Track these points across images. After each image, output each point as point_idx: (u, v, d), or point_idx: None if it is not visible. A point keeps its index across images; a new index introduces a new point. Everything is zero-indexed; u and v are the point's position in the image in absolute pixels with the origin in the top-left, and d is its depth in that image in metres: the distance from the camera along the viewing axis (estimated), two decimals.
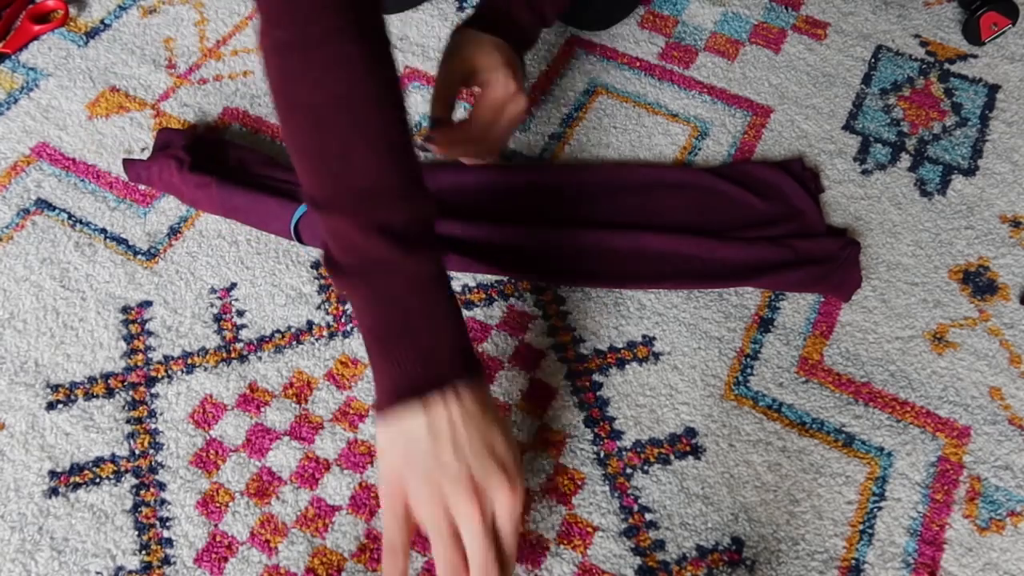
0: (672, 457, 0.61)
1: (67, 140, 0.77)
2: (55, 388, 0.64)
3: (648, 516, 0.59)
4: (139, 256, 0.70)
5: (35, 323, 0.67)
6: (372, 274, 0.47)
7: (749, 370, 0.65)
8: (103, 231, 0.72)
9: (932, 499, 0.60)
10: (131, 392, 0.64)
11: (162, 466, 0.60)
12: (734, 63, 0.84)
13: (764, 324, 0.67)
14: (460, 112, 0.78)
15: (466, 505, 0.46)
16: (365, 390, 0.64)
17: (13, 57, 0.83)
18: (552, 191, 0.73)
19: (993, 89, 0.82)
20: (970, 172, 0.77)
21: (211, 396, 0.63)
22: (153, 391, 0.64)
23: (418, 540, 0.57)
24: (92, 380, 0.64)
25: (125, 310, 0.68)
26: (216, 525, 0.58)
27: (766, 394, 0.64)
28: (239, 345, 0.66)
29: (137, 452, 0.61)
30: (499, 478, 0.47)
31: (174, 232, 0.72)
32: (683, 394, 0.64)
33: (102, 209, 0.73)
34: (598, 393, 0.64)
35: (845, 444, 0.62)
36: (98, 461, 0.61)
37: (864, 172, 0.76)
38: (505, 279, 0.69)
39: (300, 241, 0.70)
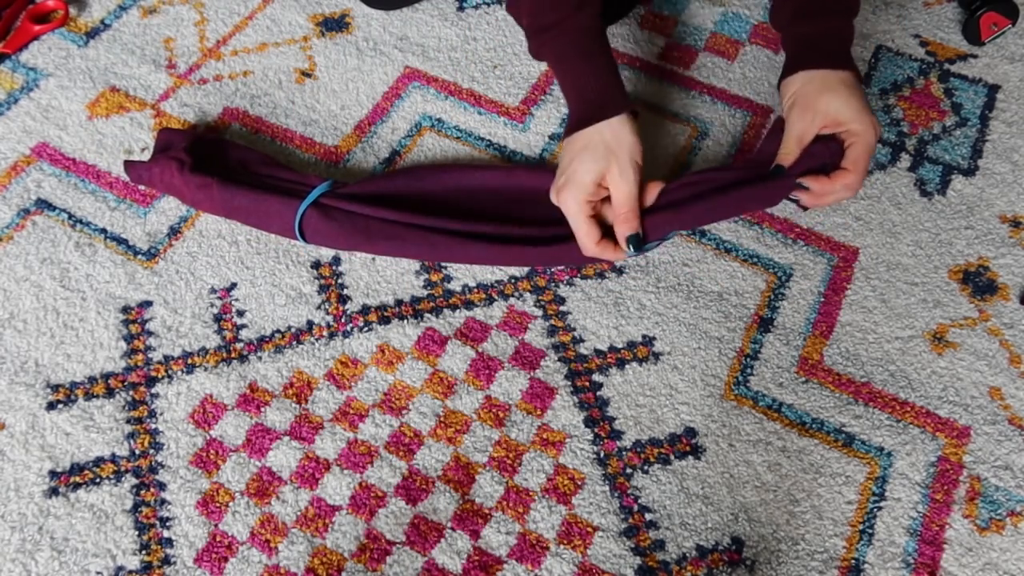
0: (672, 457, 0.61)
1: (67, 140, 0.77)
2: (55, 388, 0.64)
3: (648, 516, 0.59)
4: (139, 256, 0.70)
5: (35, 323, 0.67)
6: (547, 33, 0.65)
7: (749, 370, 0.65)
8: (103, 231, 0.72)
9: (932, 499, 0.60)
10: (131, 392, 0.64)
11: (162, 466, 0.61)
12: (734, 63, 0.84)
13: (764, 324, 0.67)
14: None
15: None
16: (365, 390, 0.64)
17: (13, 57, 0.83)
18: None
19: (993, 89, 0.82)
20: (970, 172, 0.77)
21: (211, 396, 0.64)
22: (153, 391, 0.64)
23: (418, 540, 0.57)
24: (92, 380, 0.64)
25: (125, 310, 0.68)
26: (216, 525, 0.58)
27: (766, 394, 0.64)
28: (239, 345, 0.66)
29: (137, 452, 0.61)
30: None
31: (174, 232, 0.72)
32: (683, 394, 0.64)
33: (102, 209, 0.73)
34: (598, 393, 0.64)
35: (845, 444, 0.62)
36: (98, 461, 0.61)
37: None
38: (505, 279, 0.69)
39: (303, 239, 0.70)
